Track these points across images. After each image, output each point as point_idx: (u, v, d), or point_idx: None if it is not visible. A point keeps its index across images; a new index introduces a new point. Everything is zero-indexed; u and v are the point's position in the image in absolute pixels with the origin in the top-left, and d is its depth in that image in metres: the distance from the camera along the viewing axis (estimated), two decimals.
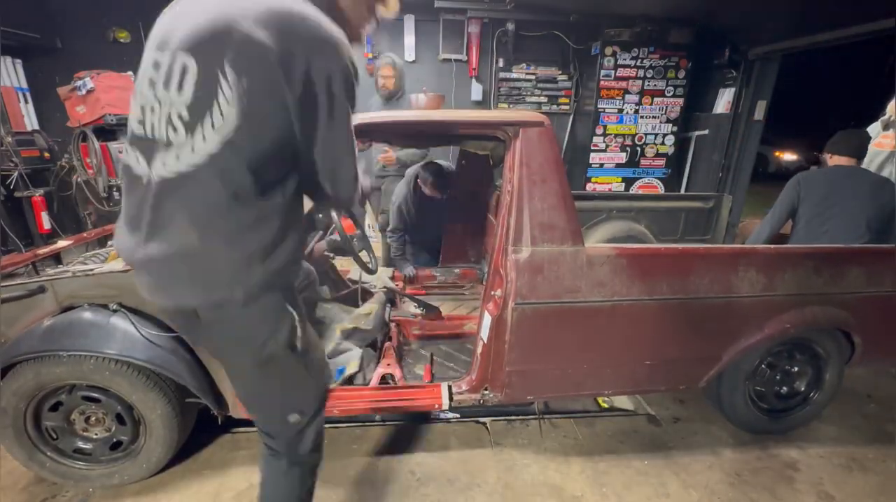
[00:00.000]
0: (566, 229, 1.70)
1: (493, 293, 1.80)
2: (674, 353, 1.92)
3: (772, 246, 2.14)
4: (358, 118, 1.68)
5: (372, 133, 1.68)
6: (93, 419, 1.73)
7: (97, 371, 1.58)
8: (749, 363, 2.00)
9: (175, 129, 0.86)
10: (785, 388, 2.12)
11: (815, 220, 2.38)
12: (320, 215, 1.38)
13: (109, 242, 2.37)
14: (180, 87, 0.85)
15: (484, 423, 2.20)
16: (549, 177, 1.68)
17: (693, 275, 1.79)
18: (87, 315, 1.61)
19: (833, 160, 2.48)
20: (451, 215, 3.14)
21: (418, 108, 3.13)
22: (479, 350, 1.87)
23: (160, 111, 0.87)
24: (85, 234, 2.40)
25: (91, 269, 1.70)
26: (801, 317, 1.89)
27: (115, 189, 3.78)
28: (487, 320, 1.81)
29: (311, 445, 1.15)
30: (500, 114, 1.78)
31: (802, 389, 2.13)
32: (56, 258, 2.16)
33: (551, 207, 1.68)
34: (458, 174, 3.09)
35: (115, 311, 1.61)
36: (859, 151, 2.47)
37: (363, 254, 2.39)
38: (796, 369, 2.10)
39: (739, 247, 1.93)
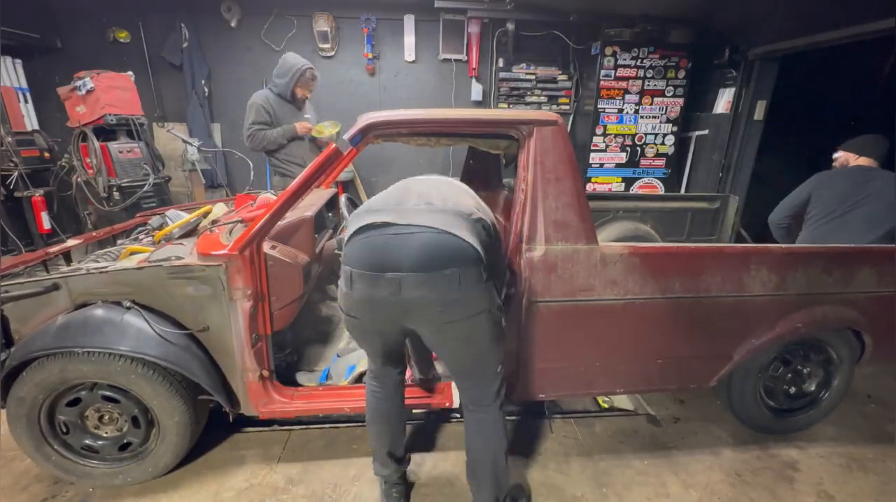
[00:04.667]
0: (580, 228, 1.70)
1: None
2: (685, 352, 1.92)
3: (783, 245, 2.14)
4: (368, 117, 1.65)
5: (382, 130, 1.66)
6: (106, 418, 1.73)
7: (123, 372, 1.59)
8: (760, 362, 2.00)
9: None
10: (796, 388, 2.12)
11: (831, 218, 2.37)
12: (329, 214, 1.38)
13: (119, 240, 2.36)
14: None
15: None
16: (563, 175, 1.67)
17: (705, 274, 1.79)
18: (101, 312, 1.61)
19: (856, 161, 2.49)
20: None
21: None
22: None
23: None
24: (94, 233, 2.40)
25: (105, 267, 1.70)
26: (811, 316, 1.90)
27: (114, 189, 3.77)
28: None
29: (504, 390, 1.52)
30: (515, 113, 1.76)
31: (813, 388, 2.13)
32: (66, 257, 2.15)
33: (565, 206, 1.68)
34: (466, 172, 3.09)
35: (128, 308, 1.61)
36: (883, 155, 2.47)
37: None
38: (808, 369, 2.11)
39: (751, 247, 1.93)
